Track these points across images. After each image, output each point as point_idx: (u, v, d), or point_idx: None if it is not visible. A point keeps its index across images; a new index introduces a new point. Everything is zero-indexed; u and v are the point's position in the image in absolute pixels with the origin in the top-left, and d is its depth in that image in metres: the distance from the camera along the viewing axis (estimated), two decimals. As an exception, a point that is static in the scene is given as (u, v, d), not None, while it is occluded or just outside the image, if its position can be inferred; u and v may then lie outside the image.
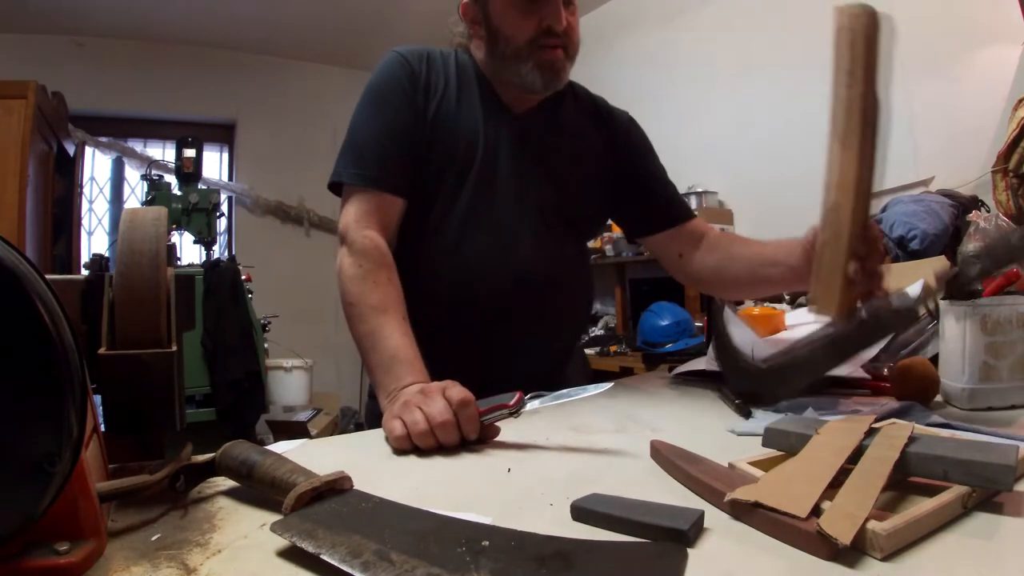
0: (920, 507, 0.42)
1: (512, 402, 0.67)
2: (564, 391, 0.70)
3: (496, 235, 0.99)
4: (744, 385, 0.82)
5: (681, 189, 3.20)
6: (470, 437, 0.67)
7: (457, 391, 0.68)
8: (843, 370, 0.84)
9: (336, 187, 0.99)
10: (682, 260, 1.13)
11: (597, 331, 3.20)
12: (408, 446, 0.66)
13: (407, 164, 0.97)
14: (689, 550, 0.40)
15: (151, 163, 3.51)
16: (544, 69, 0.97)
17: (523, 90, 1.01)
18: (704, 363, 1.01)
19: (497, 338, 0.99)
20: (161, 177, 3.12)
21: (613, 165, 1.11)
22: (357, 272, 0.88)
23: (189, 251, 3.33)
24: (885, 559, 0.37)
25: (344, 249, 0.92)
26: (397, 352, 0.80)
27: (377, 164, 0.95)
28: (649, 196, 1.14)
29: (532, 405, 0.68)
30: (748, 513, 0.43)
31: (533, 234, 1.01)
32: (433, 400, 0.67)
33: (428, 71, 1.01)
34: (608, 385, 0.72)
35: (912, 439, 0.50)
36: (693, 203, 2.88)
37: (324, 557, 0.38)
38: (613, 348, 2.84)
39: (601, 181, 1.11)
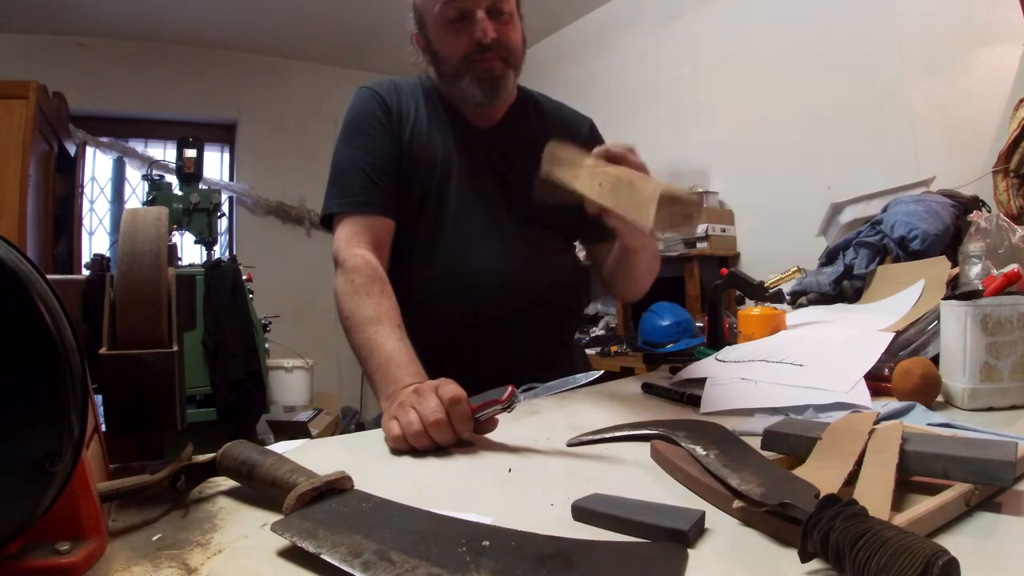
0: (923, 505, 0.42)
1: (504, 396, 0.67)
2: (555, 382, 0.70)
3: (485, 247, 1.03)
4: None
5: (681, 189, 3.14)
6: (462, 435, 0.68)
7: (448, 389, 0.68)
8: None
9: (328, 223, 1.03)
10: (605, 265, 1.16)
11: (598, 331, 3.19)
12: (405, 446, 0.67)
13: (391, 187, 1.01)
14: (689, 550, 0.40)
15: (152, 163, 3.51)
16: (482, 81, 1.00)
17: (470, 104, 1.04)
18: (703, 370, 1.01)
19: (500, 342, 1.03)
20: (162, 177, 3.12)
21: None
22: (350, 288, 0.91)
23: (190, 251, 3.33)
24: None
25: (338, 270, 0.95)
26: (392, 356, 0.81)
27: (362, 190, 0.99)
28: None
29: (524, 398, 0.69)
30: (758, 517, 0.43)
31: (519, 241, 1.04)
32: (426, 399, 0.68)
33: (399, 100, 1.05)
34: (598, 373, 0.72)
35: (912, 438, 0.50)
36: (694, 203, 2.88)
37: (324, 557, 0.38)
38: (614, 348, 2.84)
39: None
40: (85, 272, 0.65)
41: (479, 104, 1.04)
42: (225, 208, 3.79)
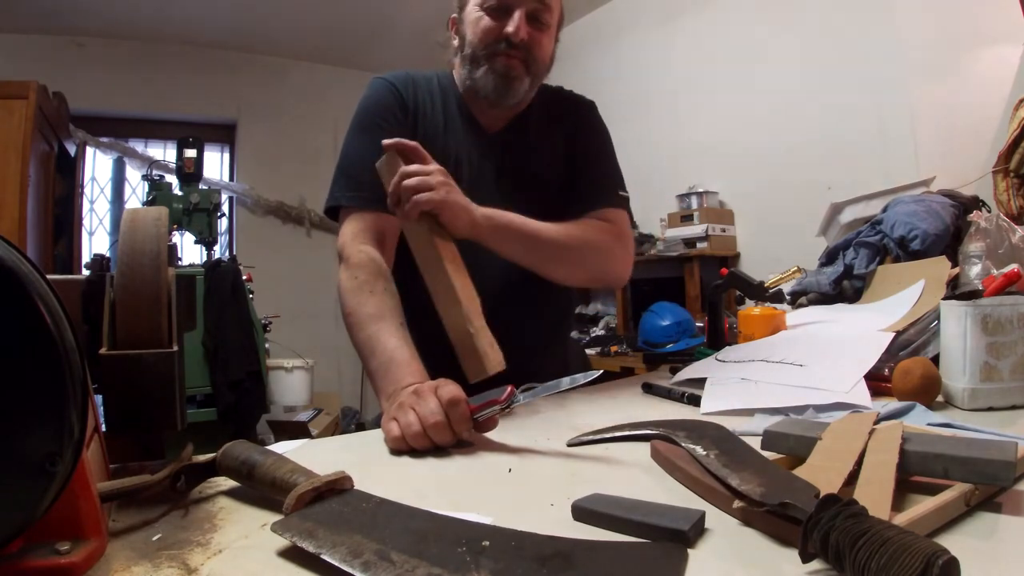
0: (923, 505, 0.42)
1: (503, 397, 0.67)
2: (553, 382, 0.70)
3: (484, 250, 1.02)
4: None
5: (681, 189, 3.20)
6: (462, 436, 0.68)
7: (447, 390, 0.68)
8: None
9: (333, 213, 1.02)
10: None
11: (598, 331, 3.19)
12: (404, 447, 0.67)
13: None
14: (689, 550, 0.40)
15: (152, 163, 3.51)
16: (497, 75, 1.00)
17: (480, 95, 1.03)
18: (703, 370, 1.01)
19: (502, 341, 1.01)
20: (162, 177, 3.12)
21: (573, 151, 1.12)
22: (353, 284, 0.90)
23: (190, 251, 3.33)
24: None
25: (342, 266, 0.94)
26: (394, 355, 0.81)
27: (371, 186, 0.97)
28: (579, 175, 1.11)
29: (523, 398, 0.68)
30: (758, 517, 0.43)
31: None
32: (426, 401, 0.68)
33: (415, 95, 1.04)
34: (597, 373, 0.72)
35: (912, 438, 0.50)
36: (694, 203, 2.88)
37: (324, 557, 0.38)
38: (614, 348, 2.84)
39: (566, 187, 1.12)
40: (85, 272, 0.65)
41: (487, 97, 1.02)
42: (225, 208, 3.79)
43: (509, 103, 1.04)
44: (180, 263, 2.85)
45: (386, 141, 0.85)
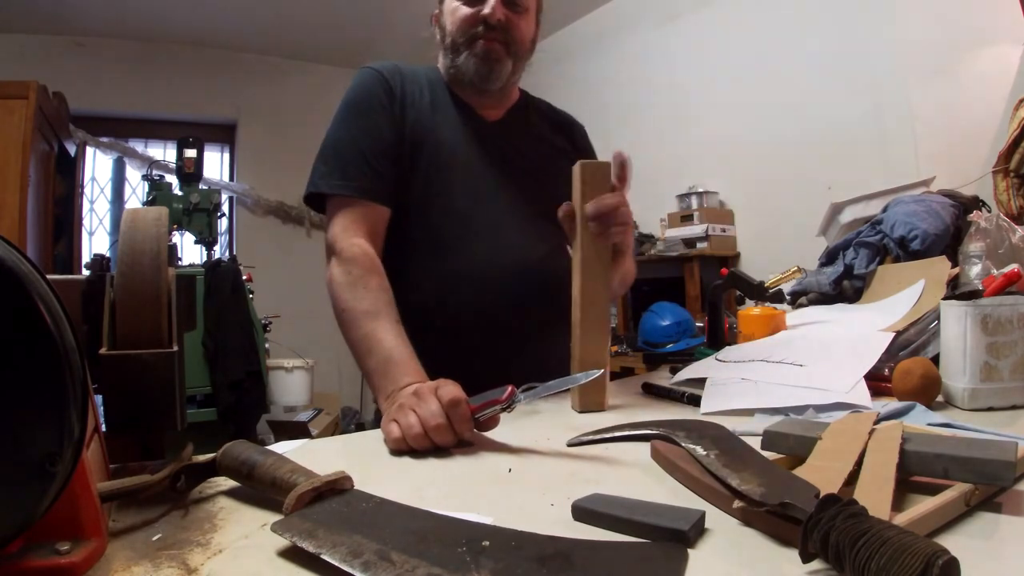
0: (923, 505, 0.42)
1: (504, 396, 0.67)
2: (554, 382, 0.70)
3: (490, 238, 1.02)
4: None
5: (681, 189, 3.21)
6: (463, 436, 0.67)
7: (447, 391, 0.68)
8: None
9: (315, 201, 0.99)
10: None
11: (598, 331, 3.19)
12: (405, 448, 0.67)
13: (391, 174, 0.99)
14: (690, 551, 0.40)
15: (152, 163, 3.51)
16: (478, 58, 1.01)
17: (465, 80, 1.04)
18: (703, 370, 1.01)
19: (504, 336, 1.02)
20: (162, 177, 3.12)
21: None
22: (347, 279, 0.89)
23: (190, 251, 3.33)
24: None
25: (333, 259, 0.93)
26: (391, 354, 0.80)
27: (361, 175, 0.96)
28: None
29: (524, 398, 0.68)
30: (758, 517, 0.43)
31: (522, 233, 1.04)
32: (426, 402, 0.67)
33: (403, 84, 1.04)
34: (598, 373, 0.72)
35: (912, 438, 0.50)
36: (694, 203, 2.88)
37: (325, 557, 0.38)
38: (614, 348, 2.84)
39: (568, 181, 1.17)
40: (85, 272, 0.65)
41: (471, 82, 1.03)
42: (225, 208, 3.79)
43: (494, 86, 1.05)
44: (180, 263, 2.85)
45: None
